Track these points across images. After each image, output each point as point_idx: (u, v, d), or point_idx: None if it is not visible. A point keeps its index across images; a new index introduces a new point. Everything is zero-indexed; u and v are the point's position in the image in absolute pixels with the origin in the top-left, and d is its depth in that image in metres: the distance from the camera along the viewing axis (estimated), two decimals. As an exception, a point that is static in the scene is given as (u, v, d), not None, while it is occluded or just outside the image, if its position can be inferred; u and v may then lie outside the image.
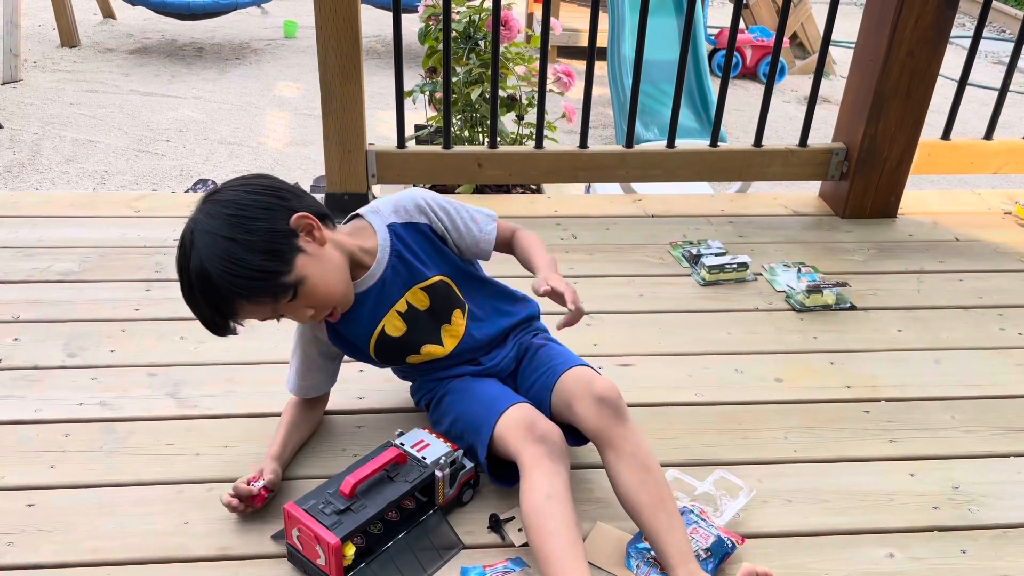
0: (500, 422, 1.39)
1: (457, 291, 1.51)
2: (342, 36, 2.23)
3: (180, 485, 1.50)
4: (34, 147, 4.52)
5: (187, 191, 3.94)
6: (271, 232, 1.29)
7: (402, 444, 1.44)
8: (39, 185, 4.13)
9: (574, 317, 1.37)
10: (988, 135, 2.70)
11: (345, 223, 1.48)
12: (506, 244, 1.56)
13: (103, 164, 4.39)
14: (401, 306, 1.47)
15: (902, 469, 1.60)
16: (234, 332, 1.36)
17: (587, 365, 1.50)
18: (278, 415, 1.61)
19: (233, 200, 1.29)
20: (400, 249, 1.45)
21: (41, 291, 2.05)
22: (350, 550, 1.28)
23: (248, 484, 1.40)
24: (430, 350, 1.52)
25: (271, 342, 1.83)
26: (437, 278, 1.48)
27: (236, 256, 1.25)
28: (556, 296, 1.36)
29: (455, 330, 1.52)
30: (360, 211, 1.48)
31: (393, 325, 1.47)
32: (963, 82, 2.55)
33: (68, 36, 6.19)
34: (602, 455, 1.40)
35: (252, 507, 1.42)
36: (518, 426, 1.37)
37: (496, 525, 1.43)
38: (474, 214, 1.51)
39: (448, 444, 1.45)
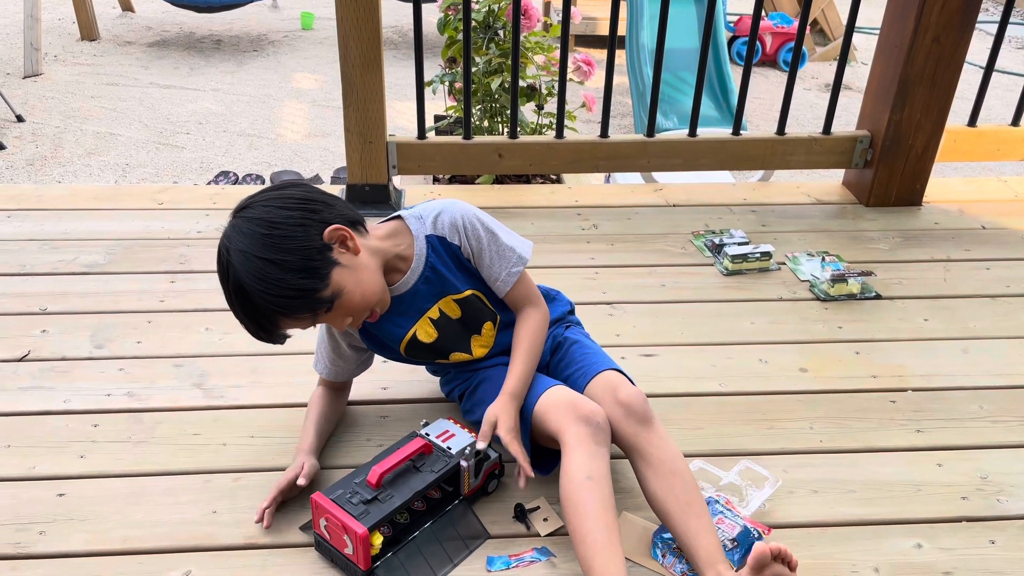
0: (541, 401, 1.40)
1: (488, 304, 1.51)
2: (363, 27, 2.23)
3: (207, 475, 1.51)
4: (56, 140, 4.56)
5: (208, 183, 3.96)
6: (306, 249, 1.27)
7: (427, 434, 1.45)
8: (62, 178, 4.17)
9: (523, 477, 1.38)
10: (1015, 121, 2.66)
11: (385, 221, 1.47)
12: (515, 305, 1.51)
13: (124, 157, 4.42)
14: (434, 313, 1.47)
15: (929, 459, 1.59)
16: (281, 341, 1.35)
17: (617, 369, 1.48)
18: (303, 405, 1.62)
19: (265, 217, 1.27)
20: (435, 262, 1.44)
21: (67, 283, 2.07)
22: (377, 539, 1.29)
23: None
24: (459, 357, 1.53)
25: (296, 333, 1.83)
26: (469, 292, 1.48)
27: (273, 277, 1.24)
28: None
29: (485, 340, 1.53)
30: (402, 213, 1.47)
31: (425, 331, 1.48)
32: (990, 68, 2.52)
33: (88, 30, 6.23)
34: (630, 460, 1.40)
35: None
36: (561, 405, 1.37)
37: (521, 515, 1.43)
38: (505, 250, 1.46)
39: (473, 435, 1.45)
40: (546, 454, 1.47)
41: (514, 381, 1.43)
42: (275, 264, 1.25)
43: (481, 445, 1.40)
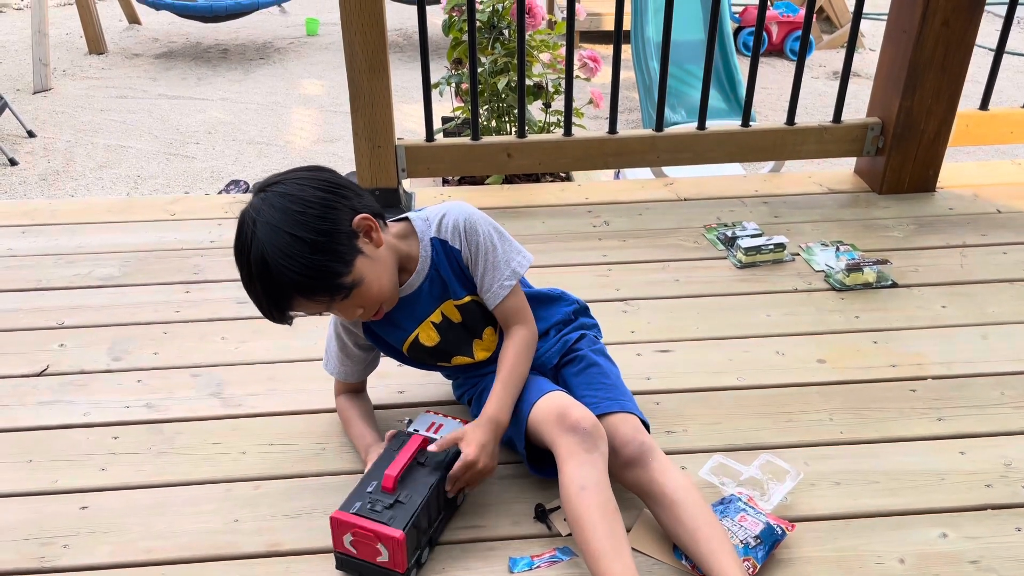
0: (532, 413, 1.39)
1: (488, 309, 1.49)
2: (368, 31, 2.23)
3: (228, 484, 1.52)
4: (67, 155, 4.59)
5: (220, 192, 3.98)
6: (335, 233, 1.28)
7: (417, 430, 1.45)
8: (75, 192, 4.20)
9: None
10: (1028, 103, 2.63)
11: (395, 221, 1.48)
12: (503, 319, 1.47)
13: (135, 169, 4.45)
14: (436, 317, 1.47)
15: (952, 448, 1.58)
16: (289, 322, 1.35)
17: (627, 410, 1.44)
18: (321, 412, 1.63)
19: (298, 195, 1.27)
20: (438, 265, 1.45)
21: (83, 297, 2.08)
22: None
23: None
24: (461, 360, 1.53)
25: (311, 339, 1.84)
26: (468, 298, 1.47)
27: (299, 253, 1.25)
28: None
29: (487, 344, 1.52)
30: (411, 215, 1.48)
31: (427, 335, 1.48)
32: (1000, 50, 2.49)
33: (95, 43, 6.27)
34: (639, 496, 1.41)
35: None
36: (549, 416, 1.36)
37: (542, 515, 1.43)
38: (500, 263, 1.43)
39: (458, 420, 1.47)
40: (550, 458, 1.45)
41: (494, 406, 1.40)
42: (304, 242, 1.25)
43: (433, 449, 1.36)
